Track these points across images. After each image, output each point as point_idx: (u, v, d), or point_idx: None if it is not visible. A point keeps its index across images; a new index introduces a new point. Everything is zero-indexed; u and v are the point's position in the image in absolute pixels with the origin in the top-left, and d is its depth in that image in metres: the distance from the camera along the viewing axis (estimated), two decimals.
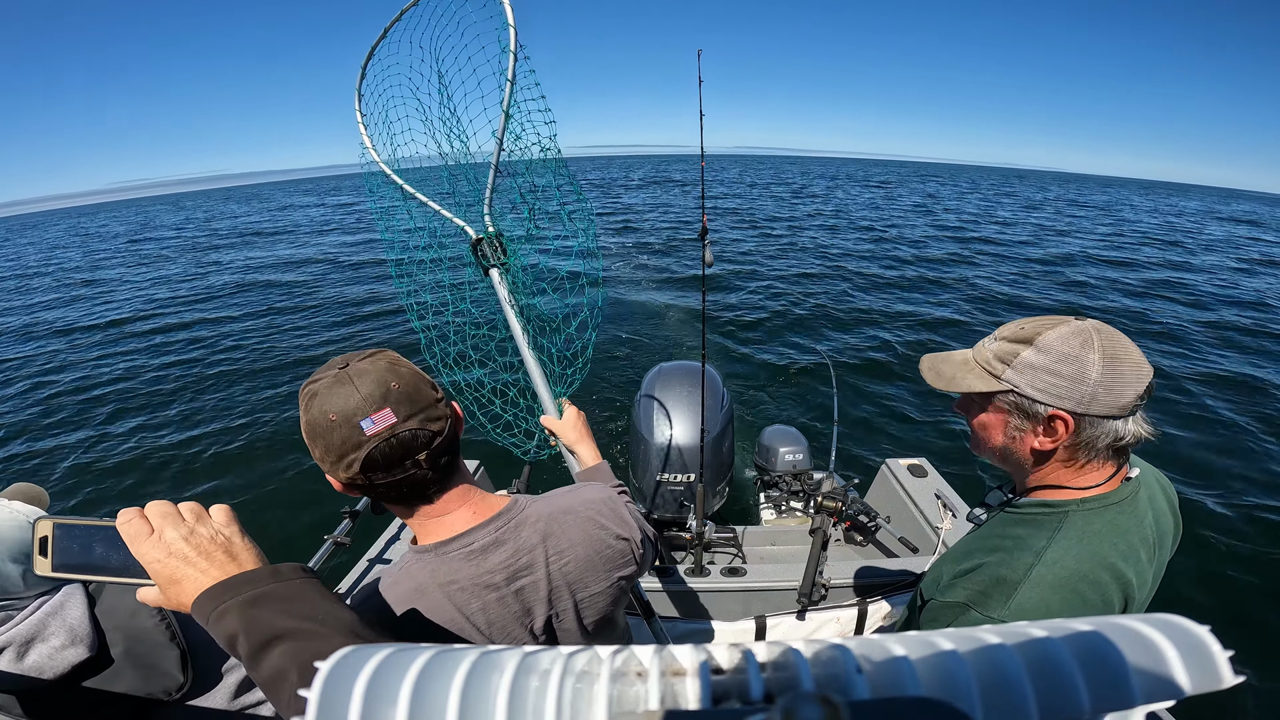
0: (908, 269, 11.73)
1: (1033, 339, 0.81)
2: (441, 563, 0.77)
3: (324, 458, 0.70)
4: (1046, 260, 13.36)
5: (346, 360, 0.72)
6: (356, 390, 0.68)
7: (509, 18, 1.38)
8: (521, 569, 0.80)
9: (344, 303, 10.17)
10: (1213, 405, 5.60)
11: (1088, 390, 0.77)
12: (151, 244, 22.43)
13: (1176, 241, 18.39)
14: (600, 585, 0.87)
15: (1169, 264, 13.72)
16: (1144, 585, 0.85)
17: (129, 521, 0.56)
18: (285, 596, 0.54)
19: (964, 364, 0.89)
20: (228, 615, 0.52)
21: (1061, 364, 0.78)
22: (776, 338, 7.54)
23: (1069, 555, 0.80)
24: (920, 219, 20.89)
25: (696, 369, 2.32)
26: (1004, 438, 0.87)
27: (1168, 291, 10.68)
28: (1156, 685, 0.21)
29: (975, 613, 0.81)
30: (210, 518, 0.59)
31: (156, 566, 0.55)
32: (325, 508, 4.08)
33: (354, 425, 0.67)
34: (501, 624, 0.79)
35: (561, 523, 0.85)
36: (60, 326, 10.00)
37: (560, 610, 0.84)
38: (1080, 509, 0.83)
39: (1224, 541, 3.59)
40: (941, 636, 0.24)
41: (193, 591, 0.54)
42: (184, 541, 0.56)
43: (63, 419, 6.06)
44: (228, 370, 7.17)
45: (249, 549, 0.59)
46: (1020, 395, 0.81)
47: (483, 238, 1.49)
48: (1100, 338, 0.77)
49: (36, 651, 0.73)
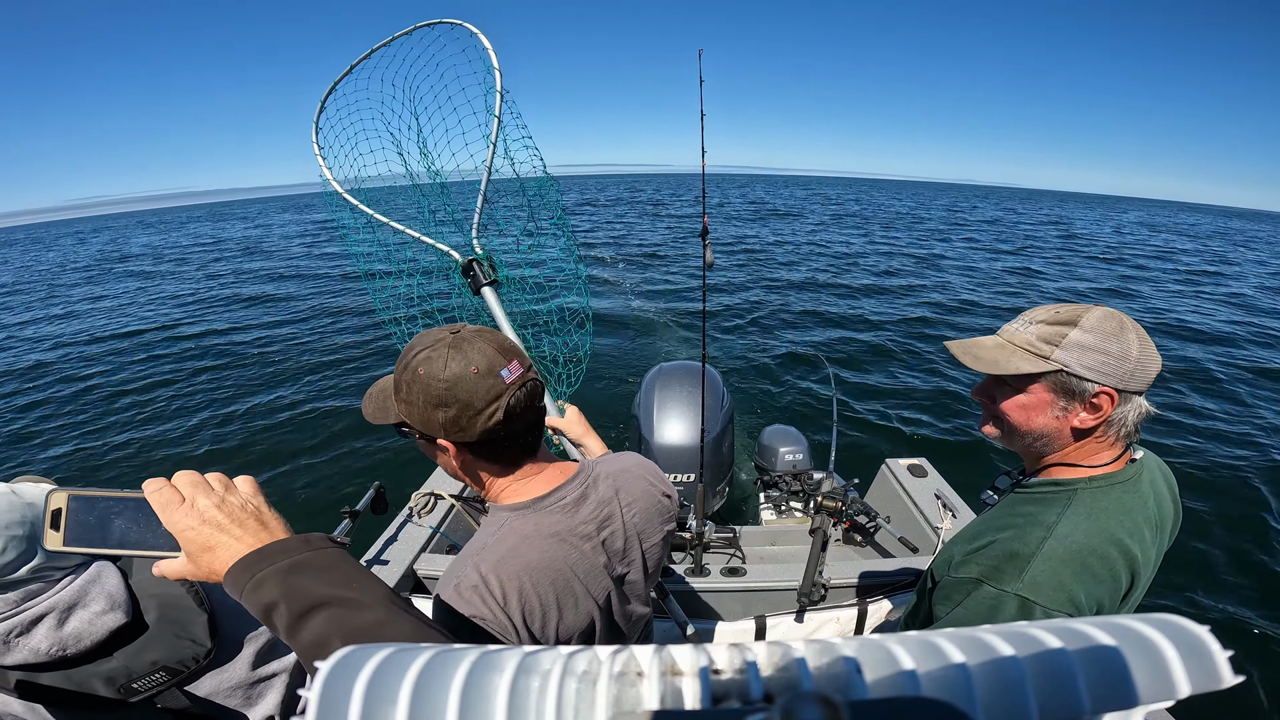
0: (900, 274, 11.75)
1: (1076, 321, 0.84)
2: (542, 516, 0.82)
3: (460, 415, 0.74)
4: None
5: (455, 328, 0.78)
6: (486, 346, 0.75)
7: (493, 61, 1.43)
8: (605, 519, 0.86)
9: (337, 312, 10.19)
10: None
11: (1130, 367, 0.81)
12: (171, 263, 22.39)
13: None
14: (657, 536, 0.94)
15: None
16: (1149, 564, 0.88)
17: (159, 490, 0.55)
18: (321, 565, 0.53)
19: (1000, 348, 0.90)
20: (265, 584, 0.51)
21: (1109, 342, 0.81)
22: (777, 338, 7.55)
23: (1079, 530, 0.83)
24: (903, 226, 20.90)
25: (696, 369, 2.33)
26: (1047, 418, 0.88)
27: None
28: (1156, 685, 0.22)
29: (989, 586, 0.83)
30: (237, 488, 0.59)
31: (190, 534, 0.54)
32: (325, 508, 4.08)
33: (495, 375, 0.74)
34: (593, 573, 0.83)
35: (625, 479, 0.92)
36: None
37: (632, 559, 0.90)
38: (1089, 486, 0.87)
39: (1224, 541, 3.60)
40: (941, 636, 0.24)
41: (228, 559, 0.53)
42: (216, 509, 0.55)
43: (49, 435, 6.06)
44: (227, 374, 7.17)
45: (278, 518, 0.59)
46: (1069, 374, 0.83)
47: (473, 259, 1.53)
48: (1129, 319, 0.83)
49: (77, 618, 0.74)
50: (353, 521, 2.07)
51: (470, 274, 1.53)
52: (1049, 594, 0.79)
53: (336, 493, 4.26)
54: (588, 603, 0.81)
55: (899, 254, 15.35)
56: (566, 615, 0.79)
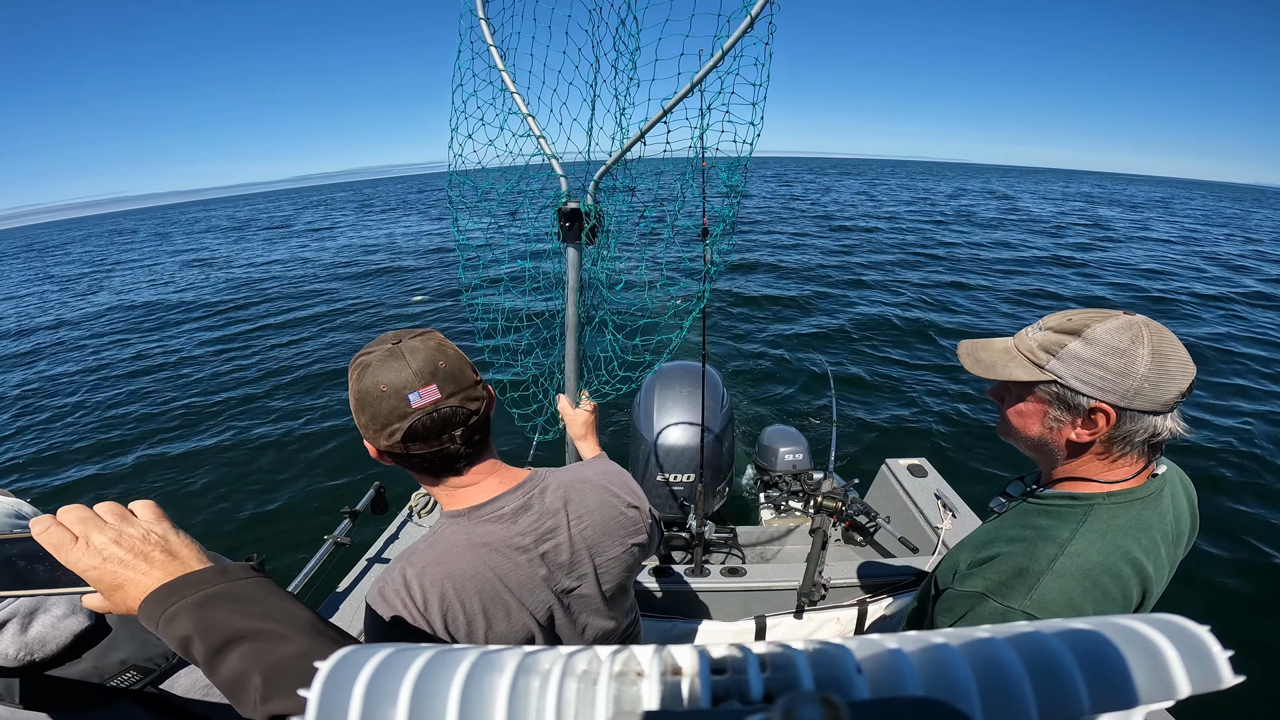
0: (893, 266, 11.78)
1: (1081, 330, 0.80)
2: (475, 525, 0.81)
3: (368, 425, 0.75)
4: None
5: (399, 337, 0.77)
6: (408, 365, 0.73)
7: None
8: (547, 532, 0.84)
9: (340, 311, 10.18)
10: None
11: (1134, 384, 0.77)
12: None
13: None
14: (616, 550, 0.91)
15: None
16: (1160, 581, 0.86)
17: (46, 530, 0.51)
18: (239, 596, 0.51)
19: (1005, 352, 0.89)
20: (178, 618, 0.49)
21: (1109, 357, 0.77)
22: (777, 338, 7.54)
23: (1093, 547, 0.81)
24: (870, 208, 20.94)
25: (696, 369, 2.33)
26: (1041, 428, 0.87)
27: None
28: (1156, 685, 0.22)
29: (993, 602, 0.81)
30: (136, 516, 0.55)
31: (93, 574, 0.51)
32: (326, 508, 4.08)
33: (402, 397, 0.73)
34: (530, 586, 0.82)
35: (579, 490, 0.89)
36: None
37: (582, 573, 0.87)
38: (1106, 502, 0.84)
39: (1223, 540, 3.60)
40: (941, 636, 0.24)
41: (138, 595, 0.50)
42: (114, 545, 0.51)
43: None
44: (227, 374, 7.18)
45: (188, 545, 0.55)
46: (1063, 386, 0.81)
47: (580, 209, 1.34)
48: (1150, 332, 0.78)
49: (40, 622, 0.74)
50: (353, 521, 2.07)
51: (568, 222, 1.33)
52: (1057, 613, 0.77)
53: (337, 493, 4.26)
54: (522, 615, 0.80)
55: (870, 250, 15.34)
56: (497, 625, 0.78)
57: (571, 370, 1.35)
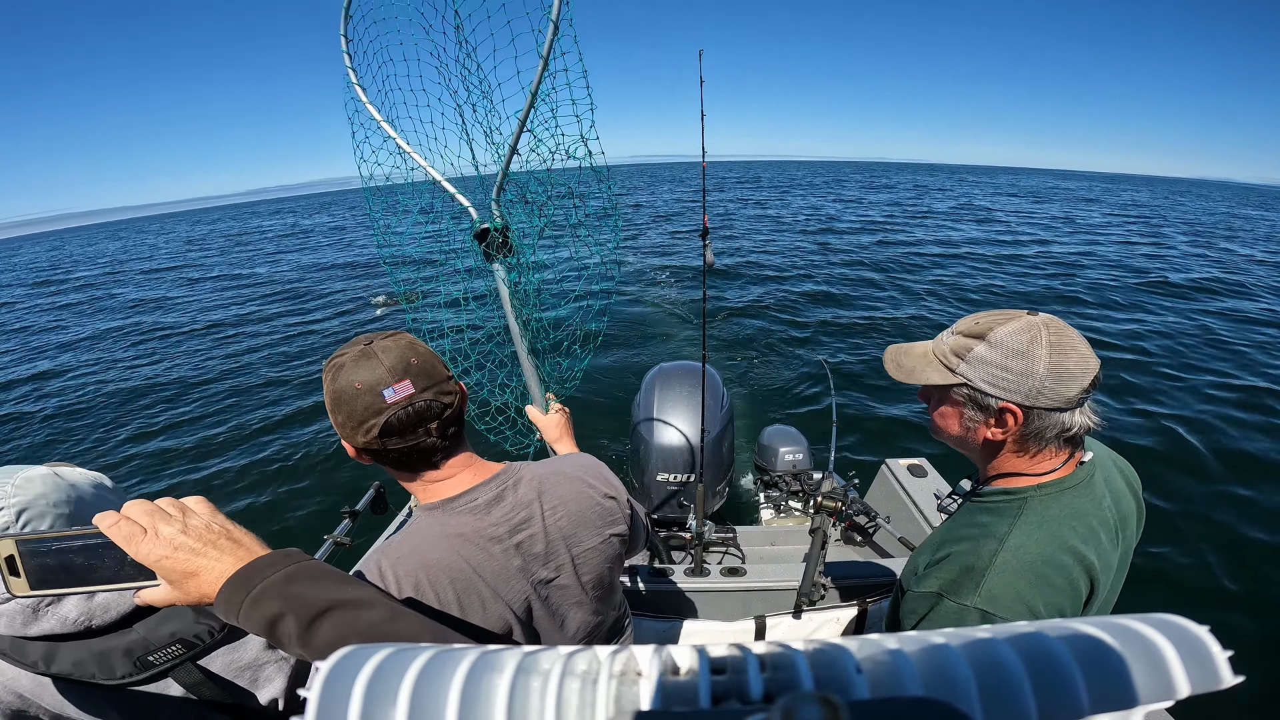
0: (889, 272, 11.76)
1: (985, 334, 0.83)
2: (449, 517, 0.82)
3: (345, 423, 0.77)
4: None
5: (370, 339, 0.79)
6: (381, 363, 0.76)
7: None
8: (521, 522, 0.85)
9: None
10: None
11: (1035, 384, 0.79)
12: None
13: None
14: (593, 540, 0.91)
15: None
16: (1108, 568, 0.87)
17: (115, 524, 0.53)
18: (312, 573, 0.54)
19: (923, 356, 0.92)
20: (265, 598, 0.51)
21: (1011, 359, 0.80)
22: (776, 337, 7.54)
23: (1030, 540, 0.83)
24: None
25: (696, 369, 2.33)
26: (960, 428, 0.90)
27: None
28: (1156, 685, 0.22)
29: (949, 601, 0.83)
30: (192, 509, 0.57)
31: (166, 563, 0.53)
32: (326, 508, 4.08)
33: (377, 394, 0.75)
34: (504, 576, 0.82)
35: (554, 481, 0.90)
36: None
37: (559, 564, 0.88)
38: (1038, 494, 0.86)
39: (1218, 535, 3.60)
40: (941, 636, 0.24)
41: (215, 580, 0.53)
42: (183, 534, 0.54)
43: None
44: (225, 374, 7.17)
45: (248, 534, 0.58)
46: (973, 388, 0.84)
47: (489, 227, 1.40)
48: (1048, 333, 0.80)
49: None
50: (353, 521, 2.07)
51: (485, 241, 1.40)
52: (1008, 605, 0.79)
53: (337, 493, 4.26)
54: (497, 605, 0.81)
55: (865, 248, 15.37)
56: (472, 615, 0.79)
57: (531, 378, 1.36)
